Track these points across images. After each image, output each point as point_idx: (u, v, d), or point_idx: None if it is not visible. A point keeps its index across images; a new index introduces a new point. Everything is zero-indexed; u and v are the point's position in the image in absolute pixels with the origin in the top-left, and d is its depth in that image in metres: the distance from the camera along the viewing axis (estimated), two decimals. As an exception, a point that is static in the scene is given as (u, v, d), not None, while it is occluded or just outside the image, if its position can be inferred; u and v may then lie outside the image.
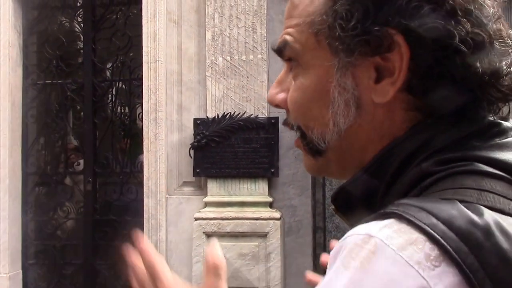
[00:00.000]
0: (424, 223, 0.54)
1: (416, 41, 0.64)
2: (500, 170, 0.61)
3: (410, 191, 0.62)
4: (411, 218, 0.54)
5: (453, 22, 0.63)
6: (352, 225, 0.66)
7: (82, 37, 5.31)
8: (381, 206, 0.61)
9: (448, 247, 0.52)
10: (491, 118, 0.69)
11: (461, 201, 0.56)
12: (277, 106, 0.79)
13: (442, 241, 0.52)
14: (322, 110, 0.72)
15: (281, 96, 0.78)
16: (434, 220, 0.54)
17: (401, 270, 0.52)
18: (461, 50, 0.63)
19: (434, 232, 0.53)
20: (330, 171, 0.79)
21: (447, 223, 0.53)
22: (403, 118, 0.69)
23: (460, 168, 0.61)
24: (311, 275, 0.98)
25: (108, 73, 5.44)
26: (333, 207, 0.75)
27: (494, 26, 0.67)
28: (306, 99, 0.74)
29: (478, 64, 0.64)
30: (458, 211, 0.54)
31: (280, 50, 0.76)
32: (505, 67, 0.66)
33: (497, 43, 0.66)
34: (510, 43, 0.68)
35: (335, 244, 0.61)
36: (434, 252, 0.52)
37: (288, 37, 0.74)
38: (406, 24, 0.64)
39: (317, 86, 0.72)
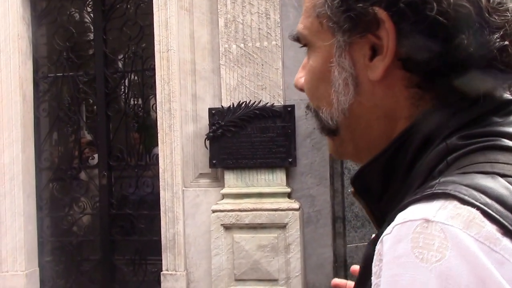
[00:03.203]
0: (480, 203, 0.55)
1: (399, 17, 0.65)
2: None
3: (436, 167, 0.63)
4: (465, 198, 0.55)
5: None
6: (369, 207, 0.75)
7: (92, 27, 5.23)
8: (403, 185, 0.66)
9: (508, 225, 0.54)
10: (509, 96, 0.69)
11: (502, 176, 0.58)
12: (301, 89, 0.82)
13: (502, 220, 0.54)
14: (328, 90, 0.75)
15: (302, 79, 0.81)
16: (488, 200, 0.55)
17: (478, 247, 0.52)
18: (442, 23, 0.63)
19: (491, 211, 0.54)
20: (347, 152, 0.80)
21: (501, 201, 0.55)
22: (405, 95, 0.70)
23: (488, 143, 0.62)
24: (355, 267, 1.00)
25: (120, 64, 5.37)
26: (352, 189, 0.77)
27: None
28: (314, 79, 0.77)
29: (463, 37, 0.64)
30: (506, 189, 0.56)
31: (296, 38, 0.80)
32: (498, 40, 0.65)
33: (495, 17, 0.65)
34: (510, 16, 0.66)
35: (356, 268, 0.64)
36: (495, 228, 0.53)
37: (299, 25, 0.78)
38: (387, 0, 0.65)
39: (321, 67, 0.75)
